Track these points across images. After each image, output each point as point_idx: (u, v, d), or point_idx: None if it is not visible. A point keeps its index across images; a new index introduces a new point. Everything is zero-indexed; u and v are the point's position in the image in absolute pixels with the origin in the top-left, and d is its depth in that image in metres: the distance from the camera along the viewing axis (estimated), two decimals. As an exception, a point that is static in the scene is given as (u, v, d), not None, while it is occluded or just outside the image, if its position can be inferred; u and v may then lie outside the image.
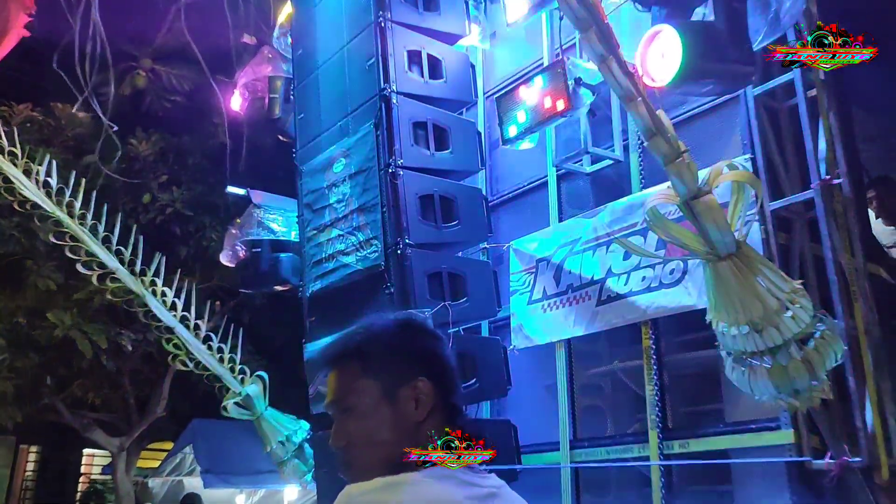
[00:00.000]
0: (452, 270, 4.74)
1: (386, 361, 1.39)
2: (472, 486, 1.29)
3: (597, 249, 4.80)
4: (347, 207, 5.02)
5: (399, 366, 1.39)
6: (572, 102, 4.51)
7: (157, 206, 10.93)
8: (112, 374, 11.91)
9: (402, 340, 1.42)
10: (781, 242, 4.07)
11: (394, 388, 1.37)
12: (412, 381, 1.37)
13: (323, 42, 5.53)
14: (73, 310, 10.46)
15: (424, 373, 1.38)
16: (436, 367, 1.41)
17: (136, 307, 6.59)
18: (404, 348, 1.41)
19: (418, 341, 1.44)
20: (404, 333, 1.44)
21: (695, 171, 3.02)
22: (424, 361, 1.40)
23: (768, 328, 3.09)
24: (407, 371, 1.38)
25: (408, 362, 1.39)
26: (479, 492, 1.30)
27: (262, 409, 6.57)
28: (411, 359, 1.40)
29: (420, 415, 1.36)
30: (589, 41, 2.90)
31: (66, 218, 6.39)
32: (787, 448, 3.81)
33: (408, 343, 1.42)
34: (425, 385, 1.37)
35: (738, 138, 4.31)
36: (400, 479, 1.27)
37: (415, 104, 4.89)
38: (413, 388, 1.37)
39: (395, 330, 1.44)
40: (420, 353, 1.42)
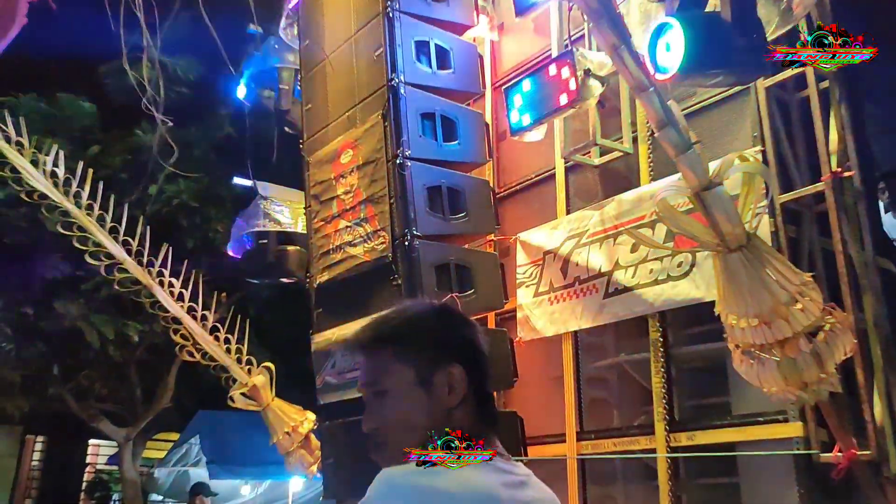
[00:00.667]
0: (459, 262, 4.73)
1: (421, 347, 1.40)
2: (506, 473, 1.31)
3: (604, 242, 4.78)
4: (355, 199, 5.01)
5: (433, 351, 1.39)
6: (581, 94, 4.50)
7: (163, 197, 10.94)
8: (118, 364, 11.97)
9: (437, 326, 1.43)
10: (791, 235, 4.05)
11: (428, 373, 1.38)
12: (446, 367, 1.37)
13: (330, 32, 5.52)
14: (80, 300, 10.50)
15: (458, 359, 1.39)
16: (469, 354, 1.41)
17: (143, 298, 6.62)
18: (439, 334, 1.42)
19: (453, 328, 1.44)
20: (439, 320, 1.45)
21: (706, 163, 3.01)
22: (458, 348, 1.41)
23: (777, 321, 3.09)
24: (441, 357, 1.38)
25: (442, 348, 1.40)
26: (513, 479, 1.32)
27: (268, 399, 6.59)
28: (446, 345, 1.41)
29: (453, 400, 1.37)
30: (600, 31, 2.88)
31: (74, 208, 6.41)
32: (795, 441, 3.80)
33: (442, 329, 1.43)
34: (459, 371, 1.37)
35: (749, 130, 4.29)
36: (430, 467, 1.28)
37: (423, 95, 4.88)
38: (447, 373, 1.37)
39: (431, 316, 1.45)
40: (454, 340, 1.42)
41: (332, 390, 5.07)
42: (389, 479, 1.28)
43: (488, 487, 1.26)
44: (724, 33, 3.74)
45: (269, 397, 6.61)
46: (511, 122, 4.87)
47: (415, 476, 1.25)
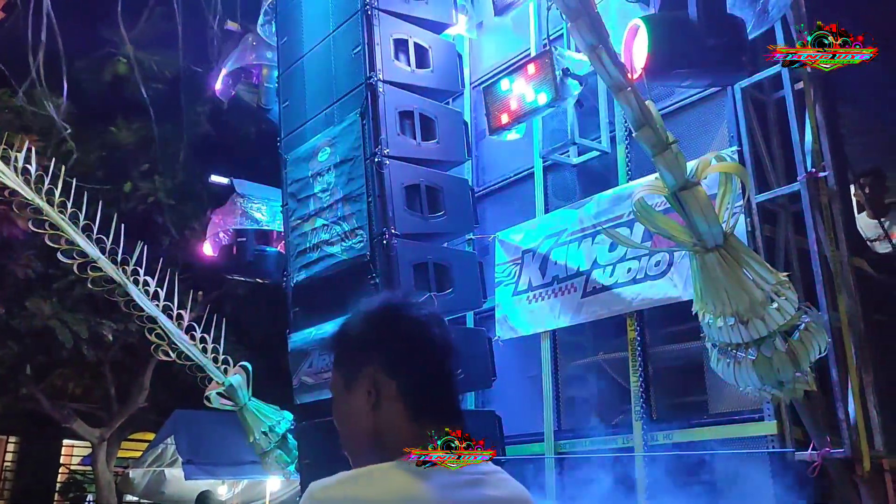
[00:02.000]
0: (438, 261, 4.71)
1: (345, 352, 1.42)
2: (454, 473, 1.28)
3: (583, 241, 4.79)
4: (332, 197, 4.97)
5: (355, 355, 1.40)
6: (559, 93, 4.50)
7: (138, 194, 10.80)
8: (93, 364, 11.81)
9: (361, 329, 1.41)
10: (767, 235, 4.09)
11: (351, 378, 1.39)
12: (364, 370, 1.37)
13: (309, 30, 5.47)
14: (52, 299, 10.35)
15: (379, 361, 1.36)
16: (392, 355, 1.37)
17: (118, 297, 6.52)
18: (361, 337, 1.41)
19: (376, 328, 1.40)
20: (367, 321, 1.42)
21: (683, 162, 3.02)
22: (379, 349, 1.38)
23: (754, 320, 3.10)
24: (362, 360, 1.38)
25: (362, 351, 1.39)
26: (461, 479, 1.29)
27: (245, 399, 6.53)
28: (366, 347, 1.39)
29: (370, 404, 1.35)
30: (579, 30, 2.88)
31: (46, 206, 6.30)
32: (771, 439, 3.83)
33: (366, 331, 1.41)
34: (376, 373, 1.36)
35: (725, 130, 4.32)
36: (364, 471, 1.28)
37: (401, 93, 4.85)
38: (364, 377, 1.36)
39: (360, 318, 1.43)
40: (374, 341, 1.39)
41: (309, 390, 5.03)
42: (310, 492, 1.27)
43: (415, 492, 1.24)
44: (691, 34, 3.77)
45: (245, 397, 6.55)
46: (489, 121, 4.86)
47: (333, 488, 1.26)
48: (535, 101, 4.60)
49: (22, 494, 16.30)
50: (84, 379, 12.29)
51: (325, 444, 4.92)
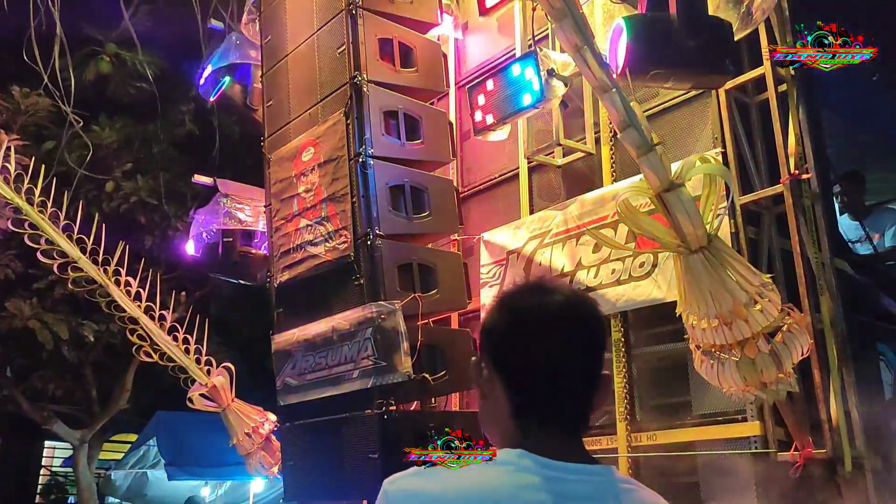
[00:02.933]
0: (423, 262, 4.70)
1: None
2: (526, 473, 1.21)
3: (567, 242, 4.79)
4: (316, 197, 4.94)
5: (480, 342, 1.38)
6: (544, 94, 4.49)
7: (120, 194, 10.71)
8: (73, 365, 11.68)
9: (484, 316, 1.39)
10: (750, 236, 4.10)
11: (473, 366, 1.37)
12: (478, 359, 1.35)
13: (293, 29, 5.44)
14: (32, 299, 10.24)
15: (486, 351, 1.33)
16: (491, 341, 1.33)
17: (99, 297, 6.46)
18: (482, 325, 1.38)
19: (491, 315, 1.35)
20: (489, 308, 1.38)
21: (668, 164, 3.02)
22: (484, 336, 1.35)
23: (737, 321, 3.11)
24: (480, 349, 1.36)
25: (481, 339, 1.37)
26: (531, 481, 1.21)
27: (228, 400, 6.49)
28: (481, 336, 1.37)
29: (481, 395, 1.34)
30: (563, 31, 2.88)
31: (26, 205, 6.23)
32: (754, 440, 3.84)
33: (484, 319, 1.38)
34: (484, 364, 1.33)
35: (709, 132, 4.33)
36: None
37: (386, 93, 4.83)
38: (475, 366, 1.35)
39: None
40: (484, 329, 1.36)
41: (293, 391, 5.00)
42: (383, 486, 1.25)
43: (492, 489, 1.20)
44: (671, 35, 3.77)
45: (228, 398, 6.51)
46: (474, 122, 4.85)
47: (405, 479, 1.25)
48: (520, 101, 4.60)
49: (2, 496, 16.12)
50: (65, 380, 12.14)
51: (310, 445, 4.90)
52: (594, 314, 1.34)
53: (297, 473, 5.07)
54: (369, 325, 4.36)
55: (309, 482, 4.91)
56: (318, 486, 4.83)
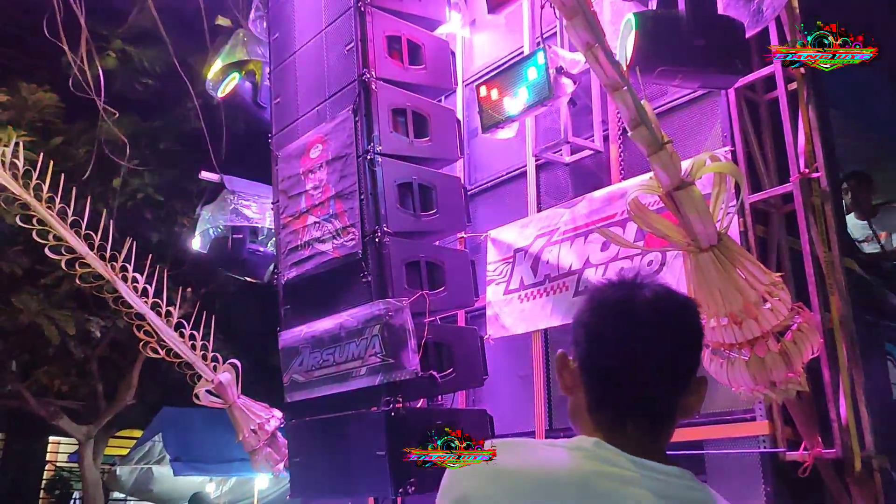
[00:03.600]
0: (430, 259, 4.70)
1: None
2: (600, 462, 1.20)
3: (575, 240, 4.78)
4: (324, 194, 4.94)
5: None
6: (552, 91, 4.49)
7: (127, 190, 10.73)
8: (80, 360, 11.72)
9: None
10: (759, 235, 4.09)
11: (561, 360, 1.36)
12: (564, 350, 1.35)
13: (301, 26, 5.44)
14: (39, 295, 10.27)
15: (572, 343, 1.33)
16: (576, 335, 1.32)
17: (106, 293, 6.47)
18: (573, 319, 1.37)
19: (580, 309, 1.34)
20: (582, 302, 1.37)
21: (678, 162, 3.01)
22: (573, 329, 1.33)
23: (747, 320, 3.10)
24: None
25: (572, 332, 1.35)
26: (608, 470, 1.20)
27: (234, 397, 6.50)
28: (572, 328, 1.35)
29: (565, 387, 1.34)
30: (575, 28, 2.86)
31: (34, 201, 6.24)
32: (762, 439, 3.83)
33: (575, 313, 1.36)
34: (563, 354, 1.33)
35: (718, 130, 4.32)
36: (510, 441, 1.25)
37: (394, 90, 4.83)
38: (559, 358, 1.35)
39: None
40: (574, 322, 1.34)
41: (300, 388, 5.01)
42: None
43: (553, 465, 1.19)
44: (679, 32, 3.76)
45: (234, 394, 6.52)
46: (482, 119, 4.85)
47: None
48: (528, 99, 4.59)
49: (7, 492, 16.18)
50: (71, 376, 12.19)
51: (317, 442, 4.90)
52: (684, 311, 1.31)
53: (303, 470, 5.08)
54: (377, 323, 4.36)
55: (315, 479, 4.92)
56: (325, 483, 4.84)
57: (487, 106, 4.80)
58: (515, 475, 1.19)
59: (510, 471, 1.19)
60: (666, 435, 1.28)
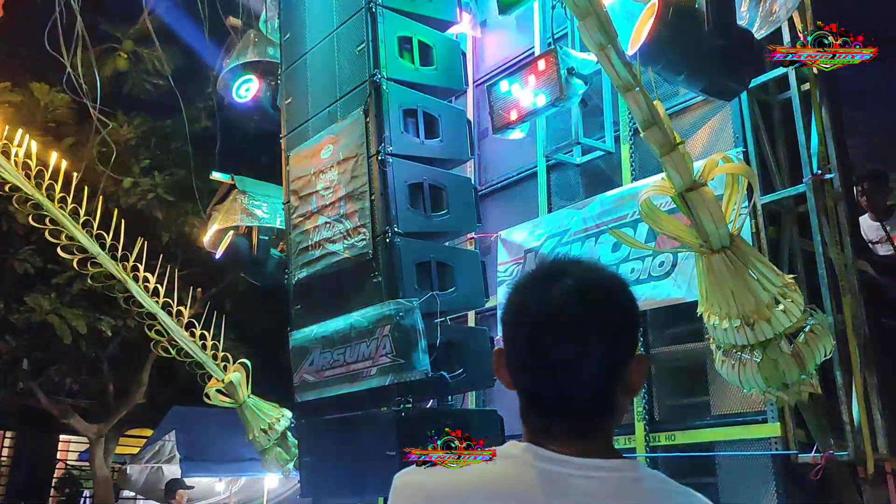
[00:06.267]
0: (441, 260, 4.69)
1: None
2: (524, 466, 1.18)
3: (586, 241, 4.78)
4: (335, 195, 4.95)
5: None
6: (563, 92, 4.48)
7: (138, 190, 10.78)
8: (91, 359, 11.78)
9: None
10: (771, 236, 4.07)
11: (495, 359, 1.31)
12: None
13: (312, 27, 5.45)
14: (51, 294, 10.33)
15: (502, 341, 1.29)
16: (503, 324, 1.27)
17: (117, 293, 6.51)
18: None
19: (503, 308, 1.28)
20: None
21: (690, 163, 3.00)
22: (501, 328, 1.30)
23: (760, 322, 3.09)
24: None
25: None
26: (527, 475, 1.17)
27: (244, 396, 6.52)
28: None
29: (507, 387, 1.28)
30: (587, 29, 2.86)
31: (46, 201, 6.28)
32: (774, 441, 3.82)
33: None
34: (496, 355, 1.27)
35: (730, 131, 4.30)
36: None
37: (405, 91, 4.82)
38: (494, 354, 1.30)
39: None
40: (501, 321, 1.31)
41: (310, 388, 5.02)
42: (394, 478, 1.25)
43: (487, 480, 1.18)
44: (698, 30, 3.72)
45: (244, 394, 6.54)
46: (493, 120, 4.85)
47: (411, 472, 1.25)
48: (539, 100, 4.59)
49: (17, 489, 16.27)
50: (82, 374, 12.26)
51: (327, 442, 4.91)
52: (610, 297, 1.21)
53: (313, 470, 5.08)
54: (387, 323, 4.37)
55: (325, 479, 4.92)
56: (335, 483, 4.84)
57: (498, 106, 4.80)
58: (446, 495, 1.19)
59: (441, 493, 1.19)
60: (601, 428, 1.21)
